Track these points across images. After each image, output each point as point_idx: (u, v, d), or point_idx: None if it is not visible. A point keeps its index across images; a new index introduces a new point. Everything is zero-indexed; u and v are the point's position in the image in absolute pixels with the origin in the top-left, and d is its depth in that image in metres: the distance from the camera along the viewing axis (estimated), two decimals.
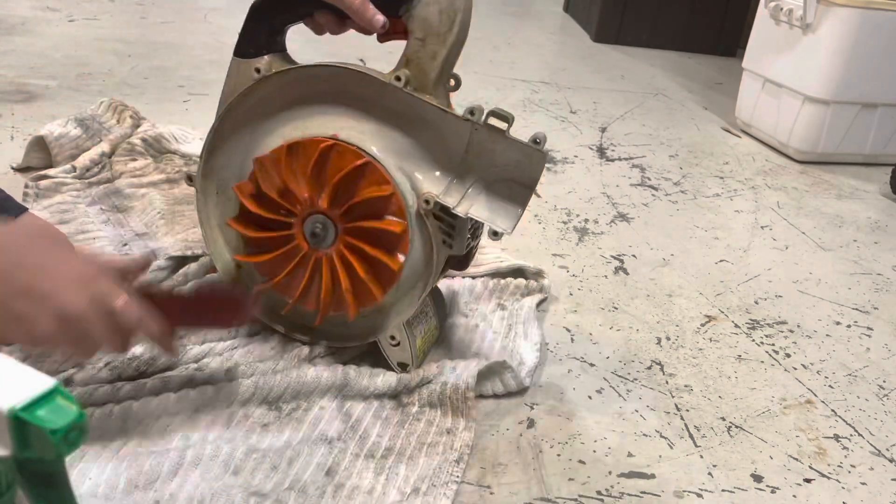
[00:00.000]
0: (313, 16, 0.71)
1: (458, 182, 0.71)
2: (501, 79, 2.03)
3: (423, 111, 0.70)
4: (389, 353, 0.77)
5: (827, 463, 0.77)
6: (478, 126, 0.69)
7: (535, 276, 1.00)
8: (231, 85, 0.75)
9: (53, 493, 0.42)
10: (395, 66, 0.70)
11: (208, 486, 0.62)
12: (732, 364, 0.91)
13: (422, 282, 0.75)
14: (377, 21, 0.69)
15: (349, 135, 0.71)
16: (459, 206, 0.70)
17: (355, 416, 0.72)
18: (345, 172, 0.70)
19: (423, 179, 0.72)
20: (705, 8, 2.60)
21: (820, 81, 1.58)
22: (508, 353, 0.84)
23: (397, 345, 0.76)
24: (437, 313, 0.82)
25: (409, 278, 0.74)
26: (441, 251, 0.73)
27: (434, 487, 0.65)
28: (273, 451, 0.67)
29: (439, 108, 0.70)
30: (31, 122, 1.33)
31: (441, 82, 0.71)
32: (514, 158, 0.69)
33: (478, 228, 0.77)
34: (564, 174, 1.44)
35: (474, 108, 0.69)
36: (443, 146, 0.71)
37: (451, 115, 0.70)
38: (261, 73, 0.73)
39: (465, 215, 0.70)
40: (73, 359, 0.72)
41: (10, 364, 0.42)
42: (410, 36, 0.70)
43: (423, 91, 0.71)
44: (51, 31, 1.93)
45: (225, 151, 0.77)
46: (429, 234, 0.72)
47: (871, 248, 1.29)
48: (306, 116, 0.73)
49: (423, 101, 0.70)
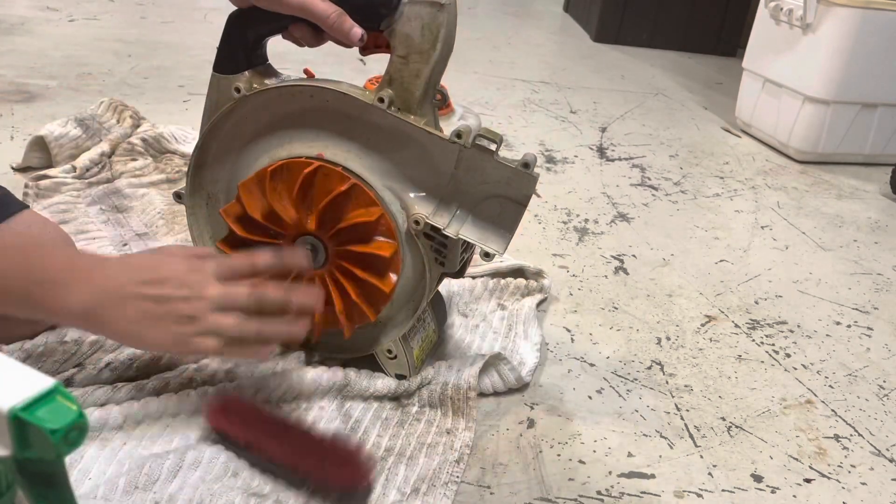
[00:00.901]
0: (289, 29, 0.69)
1: (447, 201, 0.69)
2: (501, 79, 2.03)
3: (408, 130, 0.68)
4: (387, 366, 0.76)
5: (827, 463, 0.77)
6: (465, 147, 0.67)
7: (535, 276, 1.00)
8: (213, 100, 0.73)
9: (53, 493, 0.42)
10: (378, 85, 0.69)
11: (208, 487, 0.62)
12: (732, 364, 0.91)
13: (416, 299, 0.74)
14: (354, 34, 0.66)
15: (335, 153, 0.69)
16: (449, 227, 0.68)
17: (355, 416, 0.72)
18: (331, 197, 0.68)
19: (412, 199, 0.70)
20: (705, 8, 2.60)
21: (820, 81, 1.58)
22: (508, 352, 0.84)
23: (394, 358, 0.76)
24: (435, 318, 0.81)
25: (402, 296, 0.74)
26: (434, 269, 0.72)
27: (434, 488, 0.65)
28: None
29: (425, 131, 0.68)
30: (31, 122, 1.33)
31: (426, 99, 0.69)
32: (505, 176, 0.67)
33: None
34: (564, 174, 1.44)
35: (461, 129, 0.66)
36: (431, 165, 0.69)
37: (437, 136, 0.68)
38: (241, 92, 0.71)
39: (455, 236, 0.68)
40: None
41: (10, 364, 0.42)
42: (392, 53, 0.68)
43: (408, 110, 0.68)
44: (51, 30, 1.93)
45: (211, 167, 0.76)
46: (420, 253, 0.71)
47: (871, 248, 1.29)
48: (291, 134, 0.71)
49: (408, 122, 0.68)
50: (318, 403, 0.72)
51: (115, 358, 0.73)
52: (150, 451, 0.64)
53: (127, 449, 0.64)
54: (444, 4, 0.66)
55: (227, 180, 0.76)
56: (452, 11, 0.67)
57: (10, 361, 0.42)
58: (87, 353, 0.73)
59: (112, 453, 0.64)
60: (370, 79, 1.54)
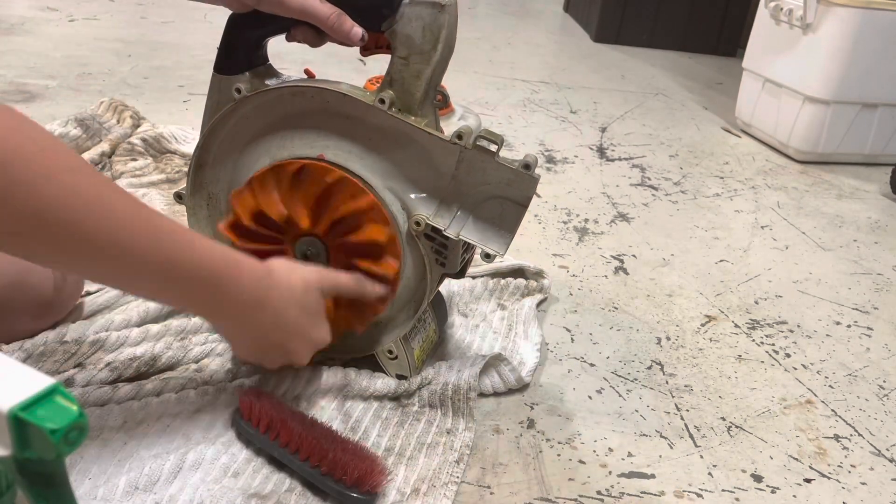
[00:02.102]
0: (290, 30, 0.69)
1: (447, 203, 0.69)
2: (501, 79, 2.03)
3: (409, 132, 0.68)
4: (387, 367, 0.76)
5: (827, 463, 0.77)
6: (466, 149, 0.67)
7: (536, 276, 1.00)
8: (213, 101, 0.73)
9: (53, 493, 0.42)
10: (379, 86, 0.69)
11: (208, 488, 0.62)
12: (732, 364, 0.91)
13: (416, 299, 0.74)
14: (355, 34, 0.67)
15: (336, 154, 0.69)
16: (450, 228, 0.68)
17: (355, 416, 0.72)
18: (320, 191, 0.68)
19: (413, 200, 0.70)
20: (705, 8, 2.60)
21: (820, 81, 1.58)
22: (508, 353, 0.84)
23: (395, 358, 0.76)
24: (435, 317, 0.81)
25: (403, 296, 0.73)
26: (434, 270, 0.72)
27: (434, 488, 0.65)
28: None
29: (426, 132, 0.68)
30: None
31: (427, 100, 0.69)
32: (506, 178, 0.67)
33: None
34: (564, 174, 1.44)
35: (462, 131, 0.66)
36: (431, 167, 0.69)
37: (438, 137, 0.68)
38: (241, 93, 0.70)
39: (456, 237, 0.68)
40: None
41: (10, 364, 0.42)
42: (393, 54, 0.68)
43: (409, 111, 0.68)
44: (51, 30, 1.93)
45: (212, 167, 0.76)
46: (421, 254, 0.71)
47: (871, 248, 1.29)
48: (292, 135, 0.71)
49: (409, 123, 0.68)
50: (318, 403, 0.72)
51: (115, 358, 0.73)
52: (150, 452, 0.64)
53: (128, 449, 0.64)
54: (445, 5, 0.66)
55: (228, 180, 0.75)
56: (453, 12, 0.67)
57: (10, 361, 0.42)
58: (87, 353, 0.73)
59: (112, 454, 0.64)
60: (370, 79, 1.54)
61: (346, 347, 0.77)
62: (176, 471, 0.63)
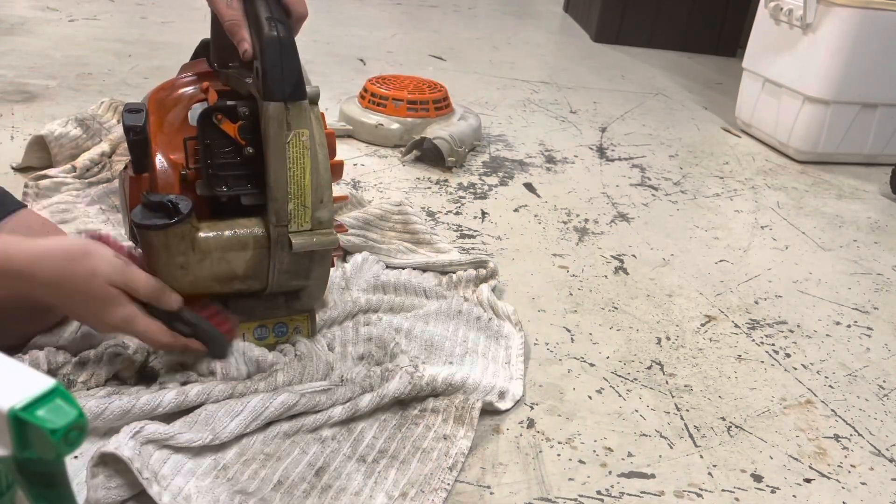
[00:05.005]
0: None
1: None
2: (501, 79, 2.03)
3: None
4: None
5: (827, 463, 0.77)
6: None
7: (481, 264, 0.99)
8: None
9: (53, 493, 0.42)
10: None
11: (195, 484, 0.62)
12: (732, 364, 0.91)
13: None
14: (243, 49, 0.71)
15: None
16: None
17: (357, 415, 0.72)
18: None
19: None
20: (705, 8, 2.60)
21: (820, 81, 1.58)
22: (491, 374, 0.81)
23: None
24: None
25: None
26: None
27: (422, 493, 0.65)
28: (266, 448, 0.67)
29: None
30: (31, 122, 1.33)
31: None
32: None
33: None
34: (564, 174, 1.44)
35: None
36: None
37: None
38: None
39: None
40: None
41: (10, 364, 0.42)
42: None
43: None
44: (51, 31, 1.93)
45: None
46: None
47: (871, 248, 1.29)
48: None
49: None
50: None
51: (115, 358, 0.73)
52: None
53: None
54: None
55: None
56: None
57: (11, 362, 0.42)
58: (87, 353, 0.73)
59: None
60: (370, 79, 1.54)
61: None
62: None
